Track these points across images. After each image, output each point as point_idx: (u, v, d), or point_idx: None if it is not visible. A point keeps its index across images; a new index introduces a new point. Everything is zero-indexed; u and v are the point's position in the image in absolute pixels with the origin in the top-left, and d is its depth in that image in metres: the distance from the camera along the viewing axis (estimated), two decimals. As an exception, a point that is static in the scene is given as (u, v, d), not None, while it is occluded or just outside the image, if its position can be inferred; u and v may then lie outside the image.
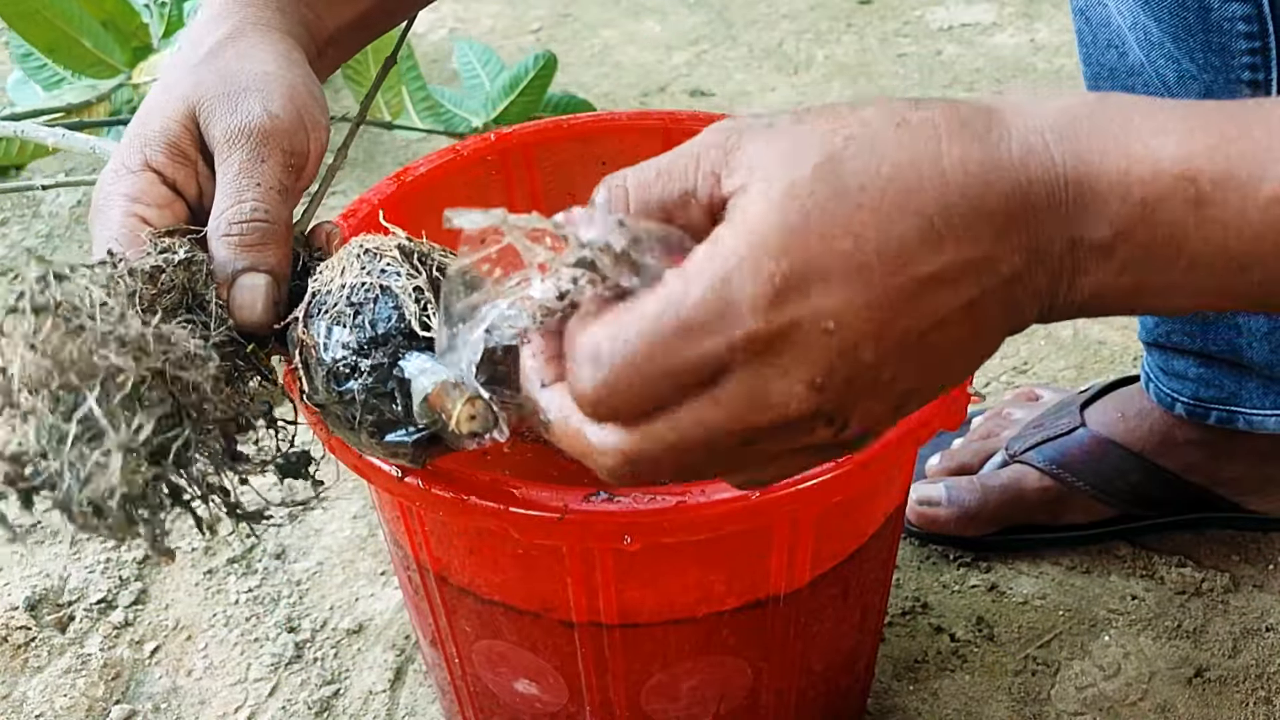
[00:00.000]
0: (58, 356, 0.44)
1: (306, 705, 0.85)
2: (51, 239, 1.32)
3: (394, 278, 0.52)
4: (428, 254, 0.53)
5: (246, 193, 0.57)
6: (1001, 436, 0.96)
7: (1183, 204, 0.39)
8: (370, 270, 0.52)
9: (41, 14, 1.22)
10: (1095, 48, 0.82)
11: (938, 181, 0.39)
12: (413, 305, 0.51)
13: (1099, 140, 0.40)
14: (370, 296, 0.52)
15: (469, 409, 0.47)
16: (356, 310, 0.51)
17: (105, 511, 0.44)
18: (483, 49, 1.39)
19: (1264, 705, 0.83)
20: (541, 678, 0.67)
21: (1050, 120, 0.41)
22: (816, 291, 0.39)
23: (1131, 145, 0.40)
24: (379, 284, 0.52)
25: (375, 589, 0.93)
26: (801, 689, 0.71)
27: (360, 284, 0.52)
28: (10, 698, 0.87)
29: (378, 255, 0.53)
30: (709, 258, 0.39)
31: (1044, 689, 0.85)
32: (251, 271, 0.56)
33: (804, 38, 1.67)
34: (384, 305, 0.51)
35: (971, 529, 0.93)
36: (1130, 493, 0.92)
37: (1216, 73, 0.68)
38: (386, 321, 0.51)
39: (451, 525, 0.61)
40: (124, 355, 0.44)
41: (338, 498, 1.01)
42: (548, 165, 0.81)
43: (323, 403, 0.53)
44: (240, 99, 0.58)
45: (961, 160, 0.40)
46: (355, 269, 0.53)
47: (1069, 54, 1.59)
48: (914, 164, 0.39)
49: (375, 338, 0.51)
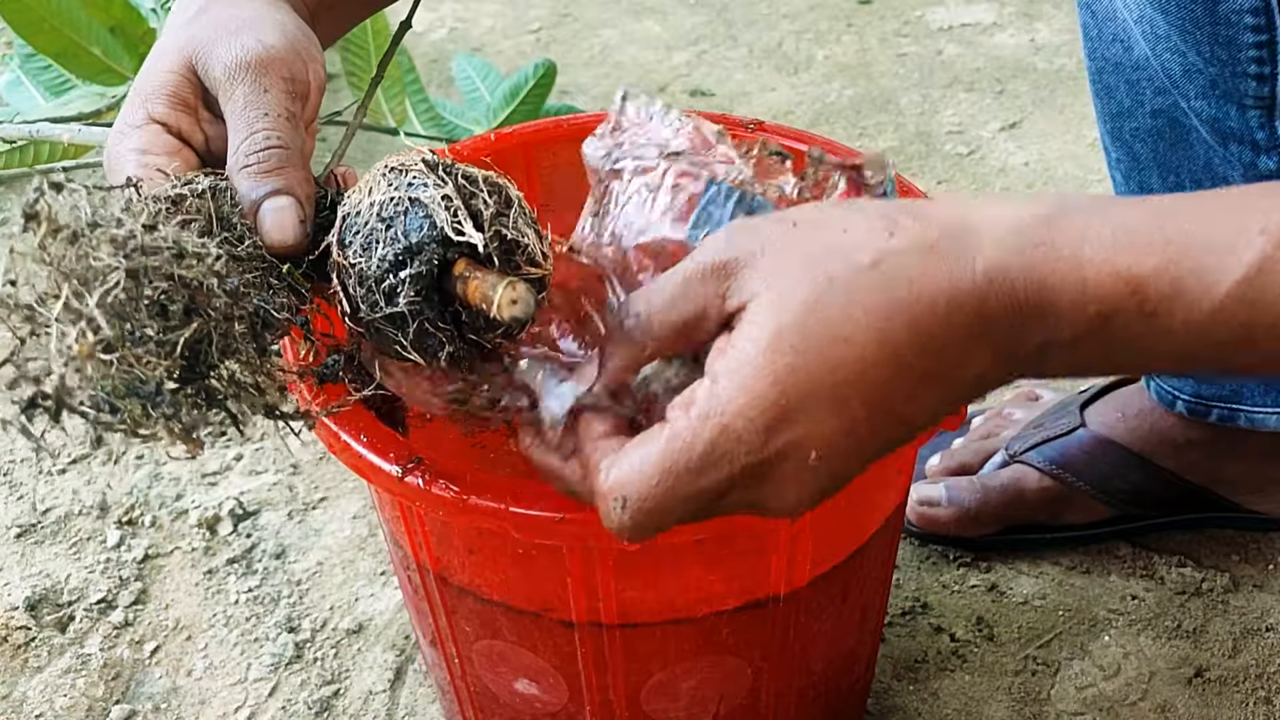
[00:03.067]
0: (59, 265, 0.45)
1: (306, 705, 0.85)
2: (51, 239, 1.32)
3: (422, 189, 0.52)
4: (452, 166, 0.54)
5: (257, 123, 0.58)
6: (1001, 436, 0.96)
7: (1135, 315, 0.45)
8: (397, 185, 0.53)
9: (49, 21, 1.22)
10: (1100, 42, 0.82)
11: (909, 324, 0.45)
12: (443, 213, 0.51)
13: (1055, 264, 0.45)
14: (400, 210, 0.52)
15: (510, 292, 0.49)
16: (388, 224, 0.52)
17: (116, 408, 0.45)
18: (481, 64, 1.39)
19: (1264, 705, 0.83)
20: (541, 678, 0.67)
21: (1010, 246, 0.45)
22: (801, 430, 0.45)
23: (1085, 270, 0.45)
24: (407, 196, 0.52)
25: (375, 589, 0.93)
26: (801, 689, 0.71)
27: (389, 199, 0.53)
28: (10, 698, 0.87)
29: (403, 171, 0.53)
30: (710, 403, 0.45)
31: (1044, 689, 0.85)
32: (275, 195, 0.57)
33: (804, 38, 1.66)
34: (415, 215, 0.52)
35: (971, 529, 0.93)
36: (1130, 492, 0.92)
37: (1223, 65, 0.69)
38: (419, 230, 0.51)
39: (451, 525, 0.61)
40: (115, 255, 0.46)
41: (338, 497, 1.01)
42: (546, 165, 0.81)
43: (366, 321, 0.53)
44: (234, 38, 0.60)
45: (930, 305, 0.45)
46: (382, 187, 0.53)
47: (1069, 54, 1.59)
48: (887, 314, 0.45)
49: (410, 247, 0.51)
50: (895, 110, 1.50)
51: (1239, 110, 0.70)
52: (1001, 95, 1.52)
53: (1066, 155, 1.40)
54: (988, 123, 1.47)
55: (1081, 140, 1.43)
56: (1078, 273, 0.45)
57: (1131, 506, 0.92)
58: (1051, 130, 1.45)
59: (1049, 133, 1.44)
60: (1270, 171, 0.71)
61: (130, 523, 0.99)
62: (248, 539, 0.97)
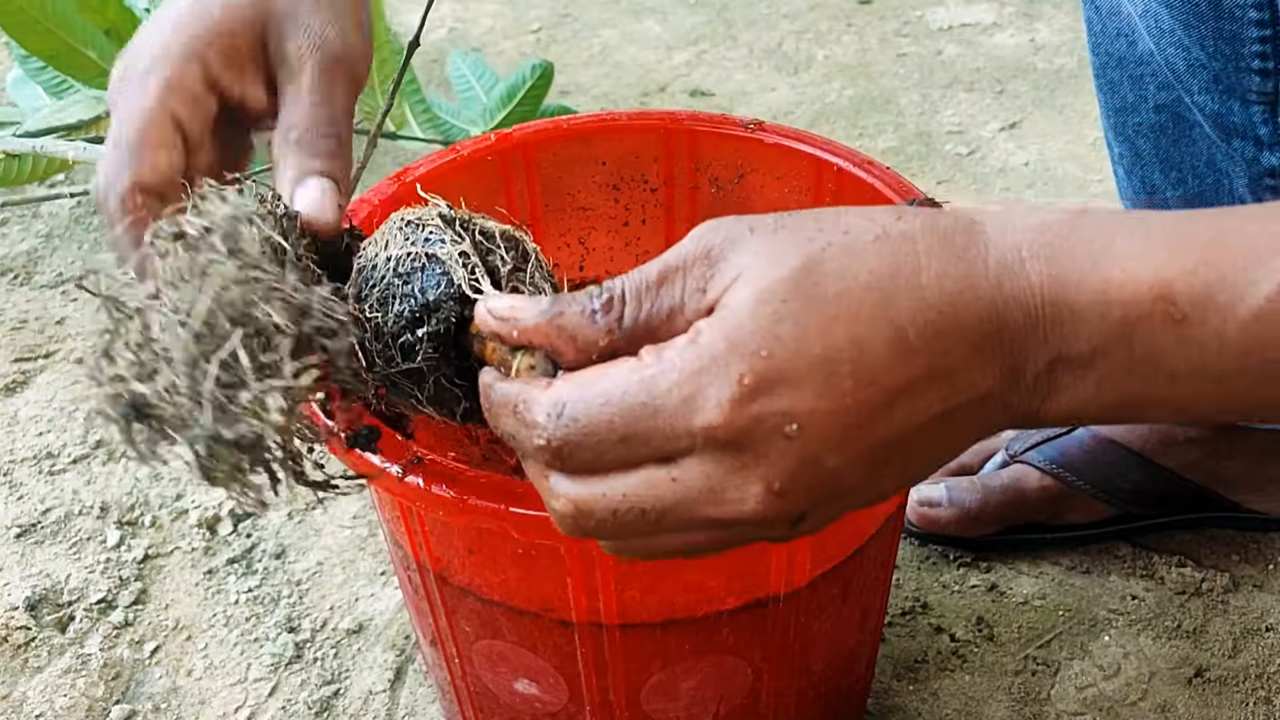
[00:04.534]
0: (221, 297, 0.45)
1: (306, 705, 0.85)
2: (51, 239, 1.32)
3: (439, 245, 0.52)
4: (469, 220, 0.54)
5: (320, 108, 0.58)
6: (1001, 436, 0.96)
7: (1162, 323, 0.40)
8: (414, 240, 0.53)
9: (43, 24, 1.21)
10: (1104, 36, 0.82)
11: (914, 296, 0.40)
12: (460, 270, 0.51)
13: (1077, 261, 0.41)
14: (417, 266, 0.52)
15: (528, 359, 0.47)
16: (405, 280, 0.52)
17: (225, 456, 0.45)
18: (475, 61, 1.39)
19: (1264, 705, 0.83)
20: (541, 678, 0.67)
21: (1029, 239, 0.41)
22: (782, 394, 0.39)
23: (1110, 269, 0.40)
24: (424, 253, 0.52)
25: (375, 589, 0.93)
26: (801, 689, 0.71)
27: (406, 254, 0.52)
28: (10, 698, 0.87)
29: (420, 225, 0.53)
30: (686, 348, 0.40)
31: (1044, 689, 0.85)
32: (322, 175, 0.56)
33: (804, 38, 1.66)
34: (431, 273, 0.52)
35: (972, 529, 0.93)
36: (1130, 492, 0.92)
37: (1226, 60, 0.69)
38: (436, 288, 0.51)
39: (451, 525, 0.61)
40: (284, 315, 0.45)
41: (338, 498, 1.01)
42: (546, 165, 0.81)
43: (381, 375, 0.53)
44: (314, 16, 0.59)
45: (939, 277, 0.40)
46: (399, 241, 0.53)
47: (1069, 54, 1.59)
48: (892, 276, 0.40)
49: (427, 305, 0.51)
50: (895, 110, 1.50)
51: (1242, 105, 0.70)
52: (1001, 95, 1.52)
53: (1066, 155, 1.40)
54: (988, 123, 1.47)
55: (1082, 140, 1.43)
56: (1100, 272, 0.40)
57: (1132, 506, 0.92)
58: (1051, 130, 1.45)
59: (1049, 133, 1.44)
60: (1273, 167, 0.71)
61: (130, 523, 0.99)
62: (248, 539, 0.97)
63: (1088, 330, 0.41)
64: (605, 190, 0.83)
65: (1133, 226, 0.41)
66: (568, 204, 0.83)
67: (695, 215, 0.83)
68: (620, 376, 0.41)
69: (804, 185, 0.78)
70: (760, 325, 0.40)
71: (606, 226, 0.84)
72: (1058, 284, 0.40)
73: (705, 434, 0.40)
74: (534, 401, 0.43)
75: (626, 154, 0.82)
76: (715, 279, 0.42)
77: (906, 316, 0.40)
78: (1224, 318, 0.40)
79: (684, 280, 0.42)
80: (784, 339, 0.40)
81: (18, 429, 1.08)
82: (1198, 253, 0.40)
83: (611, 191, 0.83)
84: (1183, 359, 0.40)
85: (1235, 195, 0.78)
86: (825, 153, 0.77)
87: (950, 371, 0.41)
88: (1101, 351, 0.41)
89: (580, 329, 0.43)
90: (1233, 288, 0.39)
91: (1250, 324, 0.40)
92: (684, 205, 0.83)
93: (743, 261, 0.41)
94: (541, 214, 0.83)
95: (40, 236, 1.33)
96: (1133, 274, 0.40)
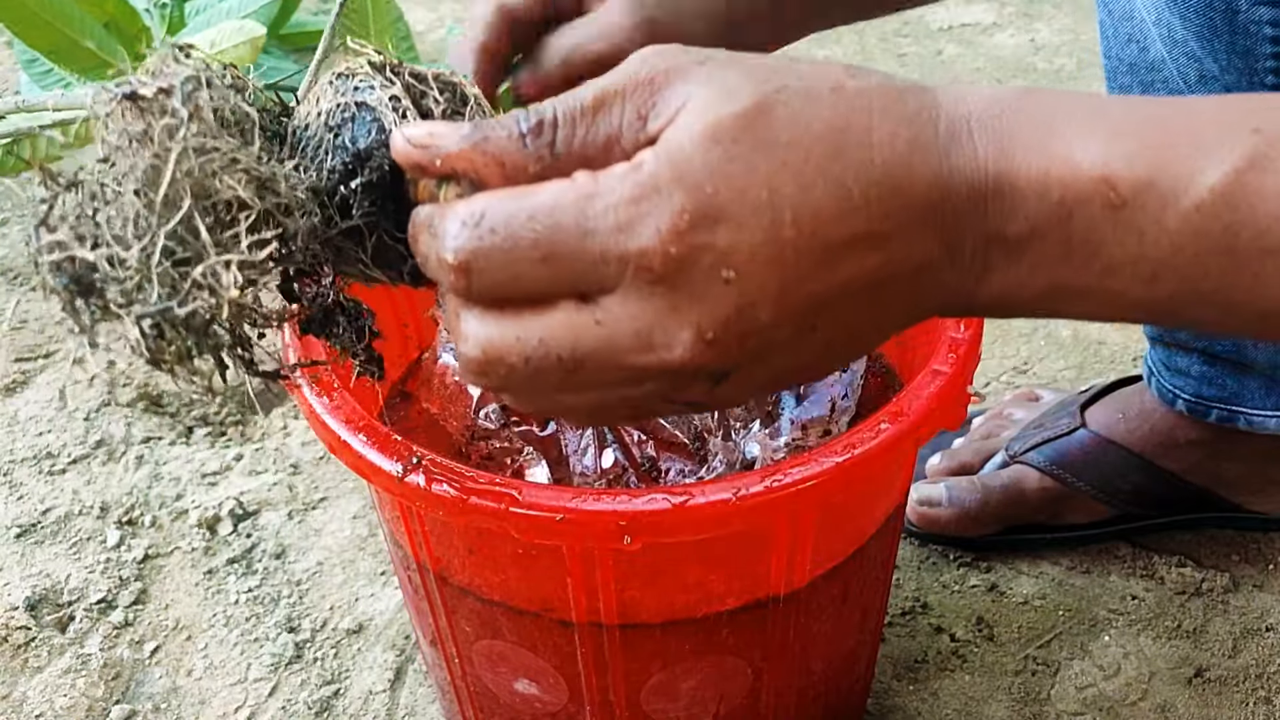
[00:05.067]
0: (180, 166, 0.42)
1: (306, 705, 0.85)
2: (51, 239, 1.32)
3: (368, 91, 0.49)
4: (399, 65, 0.51)
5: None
6: (1001, 437, 0.96)
7: (1101, 208, 0.39)
8: (343, 91, 0.50)
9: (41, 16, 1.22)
10: (1115, 41, 0.81)
11: (863, 153, 0.39)
12: (391, 114, 0.48)
13: (1023, 136, 0.40)
14: (347, 116, 0.49)
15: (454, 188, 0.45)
16: (335, 132, 0.49)
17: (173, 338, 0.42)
18: None
19: (1264, 705, 0.83)
20: (541, 678, 0.67)
21: (978, 110, 0.40)
22: (723, 234, 0.38)
23: (1054, 145, 0.39)
24: (354, 101, 0.49)
25: (375, 589, 0.93)
26: (801, 689, 0.71)
27: (335, 106, 0.49)
28: (10, 698, 0.87)
29: (349, 75, 0.50)
30: (626, 174, 0.38)
31: (1044, 689, 0.85)
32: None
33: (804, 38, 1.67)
34: (362, 121, 0.49)
35: (972, 529, 0.93)
36: (1131, 493, 0.92)
37: (1240, 74, 0.68)
38: (366, 136, 0.48)
39: (451, 525, 0.61)
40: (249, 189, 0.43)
41: (338, 497, 1.01)
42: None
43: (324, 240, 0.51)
44: None
45: (890, 136, 0.39)
46: (329, 95, 0.50)
47: (1069, 54, 1.59)
48: (844, 130, 0.39)
49: (359, 154, 0.48)
50: (895, 110, 1.50)
51: None
52: (1001, 95, 1.52)
53: (1066, 155, 1.40)
54: (988, 123, 1.47)
55: (1081, 140, 1.43)
56: (1045, 150, 0.39)
57: (1132, 507, 0.92)
58: (1051, 130, 1.45)
59: (1049, 133, 1.44)
60: None
61: (130, 523, 0.99)
62: (248, 539, 0.97)
63: (1026, 209, 0.40)
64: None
65: (1084, 107, 0.40)
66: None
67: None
68: (550, 193, 0.38)
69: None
70: (709, 161, 0.38)
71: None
72: (1002, 159, 0.39)
73: (638, 262, 0.38)
74: (450, 212, 0.40)
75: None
76: (659, 108, 0.40)
77: (853, 173, 0.39)
78: (1164, 205, 0.38)
79: (623, 106, 0.40)
80: (732, 177, 0.38)
81: (18, 429, 1.08)
82: (1144, 137, 0.39)
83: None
84: (1119, 246, 0.39)
85: None
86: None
87: (890, 235, 0.39)
88: (1039, 233, 0.40)
89: (508, 154, 0.40)
90: (1176, 177, 0.38)
91: (1191, 214, 0.38)
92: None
93: (690, 91, 0.39)
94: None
95: (40, 236, 1.33)
96: (1076, 154, 0.39)
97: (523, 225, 0.38)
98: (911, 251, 0.40)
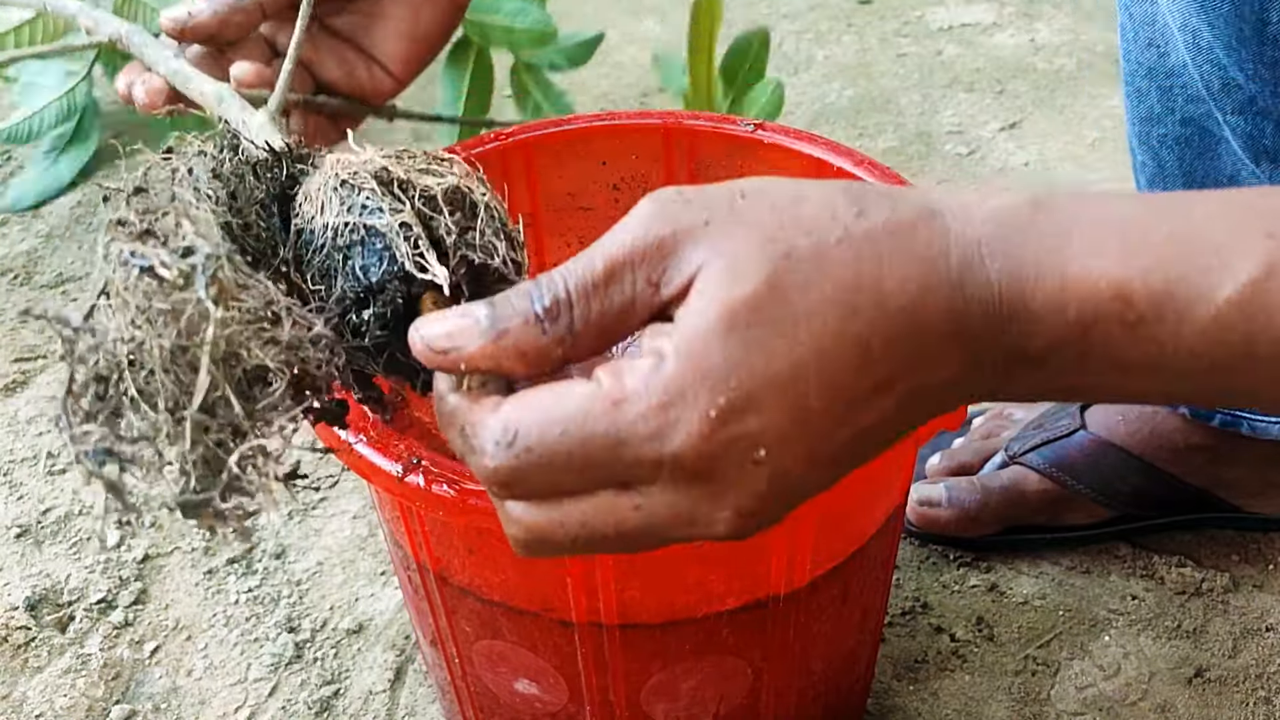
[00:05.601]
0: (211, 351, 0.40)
1: (306, 705, 0.85)
2: (51, 239, 1.32)
3: (377, 215, 0.48)
4: (406, 180, 0.49)
5: None
6: (1001, 437, 0.96)
7: (1118, 325, 0.40)
8: (350, 206, 0.48)
9: None
10: (1135, 45, 0.81)
11: (878, 307, 0.39)
12: (403, 244, 0.47)
13: (1036, 257, 0.40)
14: (357, 239, 0.48)
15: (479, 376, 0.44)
16: (345, 256, 0.48)
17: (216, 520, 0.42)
18: None
19: (1264, 705, 0.83)
20: (541, 678, 0.67)
21: (988, 234, 0.40)
22: (752, 422, 0.38)
23: (1068, 265, 0.40)
24: (363, 224, 0.48)
25: (375, 589, 0.93)
26: (801, 689, 0.71)
27: (344, 224, 0.48)
28: (10, 698, 0.87)
29: (355, 189, 0.49)
30: (650, 376, 0.39)
31: (1044, 689, 0.85)
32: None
33: (804, 38, 1.66)
34: (372, 249, 0.47)
35: (972, 529, 0.93)
36: (1130, 495, 0.92)
37: (1264, 84, 0.68)
38: (379, 267, 0.47)
39: (451, 525, 0.61)
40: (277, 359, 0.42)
41: (338, 497, 1.01)
42: (546, 165, 0.81)
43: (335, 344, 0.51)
44: None
45: (902, 282, 0.40)
46: (335, 206, 0.49)
47: (1069, 54, 1.59)
48: (855, 288, 0.39)
49: (371, 287, 0.47)
50: (895, 110, 1.50)
51: (1275, 128, 0.70)
52: (1001, 95, 1.52)
53: (1066, 155, 1.40)
54: (988, 123, 1.47)
55: (1081, 140, 1.43)
56: (1058, 270, 0.40)
57: (1131, 509, 0.92)
58: (1051, 130, 1.45)
59: (1049, 133, 1.44)
60: None
61: (130, 523, 0.99)
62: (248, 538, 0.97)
63: (1043, 328, 0.40)
64: (605, 190, 0.83)
65: (1092, 219, 0.40)
66: (568, 204, 0.83)
67: (695, 215, 0.83)
68: (578, 403, 0.39)
69: (804, 185, 0.78)
70: (729, 353, 0.38)
71: (607, 226, 0.83)
72: (1016, 283, 0.40)
73: (673, 464, 0.39)
74: (481, 426, 0.40)
75: (626, 154, 0.82)
76: (669, 274, 0.40)
77: (870, 327, 0.39)
78: (1181, 320, 0.39)
79: (634, 275, 0.40)
80: (754, 366, 0.38)
81: (18, 429, 1.08)
82: (1158, 251, 0.39)
83: (611, 191, 0.83)
84: (1137, 355, 0.40)
85: None
86: (825, 153, 0.77)
87: (911, 370, 0.40)
88: (1056, 347, 0.40)
89: (529, 343, 0.41)
90: (1192, 290, 0.39)
91: (1208, 327, 0.39)
92: (684, 205, 0.83)
93: (700, 259, 0.40)
94: (541, 214, 0.83)
95: (40, 236, 1.33)
96: (1089, 272, 0.39)
97: (556, 441, 0.39)
98: (933, 377, 0.41)
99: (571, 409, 0.39)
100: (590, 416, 0.39)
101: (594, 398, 0.39)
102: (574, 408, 0.39)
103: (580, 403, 0.39)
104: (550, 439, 0.39)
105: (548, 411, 0.39)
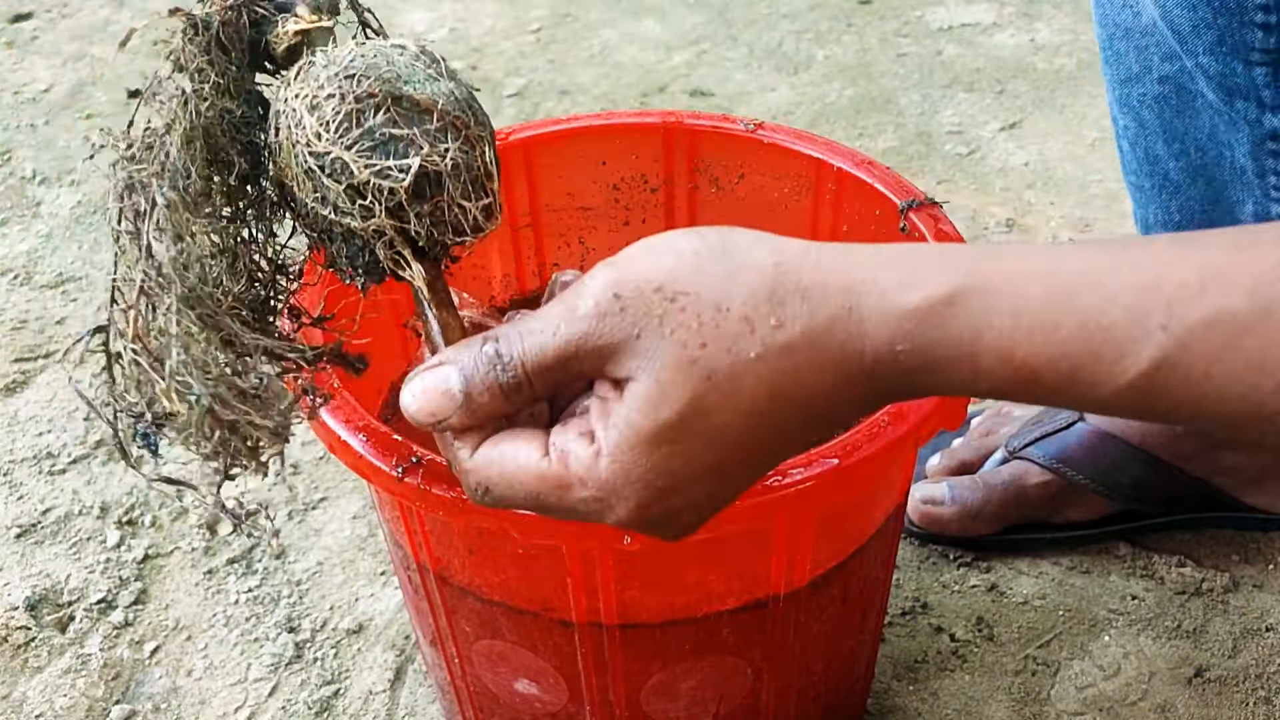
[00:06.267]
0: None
1: (306, 705, 0.85)
2: (51, 239, 1.32)
3: (351, 218, 0.51)
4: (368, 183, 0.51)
5: None
6: (1001, 434, 0.96)
7: (1028, 393, 0.45)
8: (323, 198, 0.51)
9: None
10: (1110, 7, 0.83)
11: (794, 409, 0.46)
12: (381, 251, 0.52)
13: (949, 353, 0.45)
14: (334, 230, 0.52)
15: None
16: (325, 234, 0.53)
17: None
18: None
19: (1264, 705, 0.83)
20: (541, 678, 0.67)
21: (906, 330, 0.45)
22: (676, 499, 0.47)
23: (979, 359, 0.44)
24: (342, 223, 0.52)
25: (375, 589, 0.93)
26: (801, 689, 0.71)
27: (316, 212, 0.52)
28: (10, 698, 0.87)
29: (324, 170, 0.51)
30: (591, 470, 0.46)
31: (1044, 689, 0.85)
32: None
33: (804, 38, 1.66)
34: (353, 246, 0.52)
35: (975, 527, 0.93)
36: (1131, 486, 0.92)
37: (1231, 15, 0.71)
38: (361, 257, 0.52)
39: (451, 525, 0.61)
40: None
41: (338, 497, 1.01)
42: (546, 165, 0.81)
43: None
44: None
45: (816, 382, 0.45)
46: (307, 189, 0.51)
47: (1069, 54, 1.59)
48: (771, 397, 0.45)
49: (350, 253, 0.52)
50: (895, 110, 1.50)
51: (1245, 66, 0.72)
52: (1001, 95, 1.52)
53: (1066, 155, 1.40)
54: (988, 123, 1.47)
55: (1081, 140, 1.43)
56: (970, 361, 0.44)
57: (1132, 501, 0.92)
58: (1051, 130, 1.45)
59: (1049, 133, 1.44)
60: (1275, 129, 0.73)
61: (130, 523, 0.99)
62: (248, 539, 0.97)
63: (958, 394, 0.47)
64: (605, 190, 0.83)
65: (1009, 310, 0.44)
66: (568, 204, 0.83)
67: (695, 215, 0.83)
68: (534, 483, 0.47)
69: (804, 185, 0.78)
70: (654, 462, 0.46)
71: (606, 226, 0.84)
72: (929, 374, 0.45)
73: (614, 523, 0.47)
74: (461, 474, 0.50)
75: (626, 154, 0.82)
76: (608, 368, 0.46)
77: (787, 424, 0.46)
78: (1088, 394, 0.44)
79: (579, 365, 0.47)
80: (676, 471, 0.46)
81: (18, 429, 1.08)
82: (1063, 345, 0.44)
83: (611, 191, 0.83)
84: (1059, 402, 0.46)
85: (1236, 167, 0.78)
86: (825, 153, 0.77)
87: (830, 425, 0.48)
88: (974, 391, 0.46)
89: (498, 408, 0.48)
90: (1093, 375, 0.43)
91: (1113, 399, 0.44)
92: (684, 205, 0.83)
93: (633, 367, 0.46)
94: (541, 214, 0.83)
95: (40, 236, 1.33)
96: (1001, 364, 0.44)
97: (520, 502, 0.48)
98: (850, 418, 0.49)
99: (530, 484, 0.47)
100: (543, 494, 0.47)
101: (545, 479, 0.47)
102: (532, 483, 0.47)
103: (535, 484, 0.47)
104: (515, 500, 0.48)
105: (511, 479, 0.48)
